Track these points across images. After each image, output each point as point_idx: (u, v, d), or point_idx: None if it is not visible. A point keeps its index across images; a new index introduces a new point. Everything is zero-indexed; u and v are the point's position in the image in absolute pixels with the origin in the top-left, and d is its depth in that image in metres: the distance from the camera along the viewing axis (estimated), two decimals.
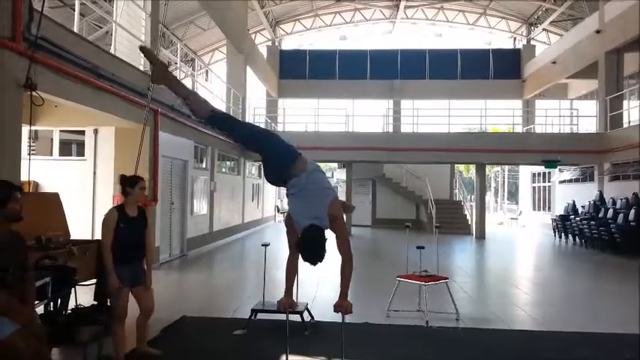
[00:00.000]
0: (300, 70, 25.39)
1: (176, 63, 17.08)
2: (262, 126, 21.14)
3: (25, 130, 7.73)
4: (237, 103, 16.97)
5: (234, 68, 17.69)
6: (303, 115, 24.13)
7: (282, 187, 3.57)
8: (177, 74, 19.57)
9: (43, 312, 4.21)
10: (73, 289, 4.60)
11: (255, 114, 21.17)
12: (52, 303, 4.20)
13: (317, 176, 3.27)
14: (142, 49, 3.43)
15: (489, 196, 37.47)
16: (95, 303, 5.05)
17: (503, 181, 38.85)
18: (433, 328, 5.70)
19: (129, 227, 4.19)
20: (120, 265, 4.14)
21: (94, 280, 5.13)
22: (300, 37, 27.89)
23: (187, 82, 22.05)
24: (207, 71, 24.14)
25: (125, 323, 4.23)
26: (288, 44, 27.47)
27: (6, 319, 2.99)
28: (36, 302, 3.64)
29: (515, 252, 15.72)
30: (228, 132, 3.47)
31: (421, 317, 6.01)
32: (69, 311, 4.53)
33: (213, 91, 17.06)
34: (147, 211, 4.44)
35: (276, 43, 26.29)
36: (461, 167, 32.09)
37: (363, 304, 6.72)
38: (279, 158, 3.30)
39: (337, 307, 3.32)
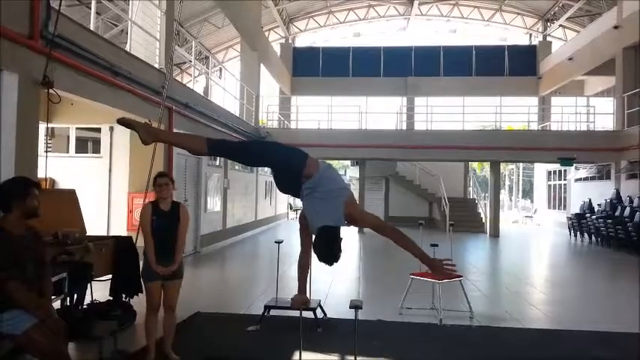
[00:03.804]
0: (313, 68, 25.40)
1: (190, 61, 17.15)
2: (275, 124, 21.27)
3: (42, 127, 7.85)
4: (250, 101, 17.03)
5: (247, 66, 17.74)
6: (317, 113, 24.14)
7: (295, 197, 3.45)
8: (192, 72, 19.68)
9: (59, 307, 4.27)
10: (89, 285, 4.67)
11: (268, 111, 21.24)
12: (68, 298, 4.26)
13: (329, 176, 3.23)
14: (120, 121, 3.27)
15: (504, 194, 37.15)
16: (110, 298, 5.13)
17: (518, 179, 38.50)
18: (447, 326, 5.68)
19: (161, 221, 4.27)
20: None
21: (109, 276, 5.22)
22: (313, 35, 27.88)
23: (202, 80, 22.23)
24: (221, 69, 24.25)
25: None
26: (302, 42, 27.47)
27: (24, 313, 3.05)
28: (52, 297, 3.70)
29: (530, 250, 15.57)
30: (232, 156, 3.47)
31: (435, 315, 5.98)
32: (85, 306, 4.59)
33: (227, 88, 17.11)
34: (181, 207, 4.47)
35: (290, 41, 26.30)
36: (475, 165, 31.86)
37: (376, 302, 6.73)
38: (290, 165, 3.24)
39: (434, 269, 3.12)
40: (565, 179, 21.46)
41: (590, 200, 17.81)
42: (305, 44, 27.30)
